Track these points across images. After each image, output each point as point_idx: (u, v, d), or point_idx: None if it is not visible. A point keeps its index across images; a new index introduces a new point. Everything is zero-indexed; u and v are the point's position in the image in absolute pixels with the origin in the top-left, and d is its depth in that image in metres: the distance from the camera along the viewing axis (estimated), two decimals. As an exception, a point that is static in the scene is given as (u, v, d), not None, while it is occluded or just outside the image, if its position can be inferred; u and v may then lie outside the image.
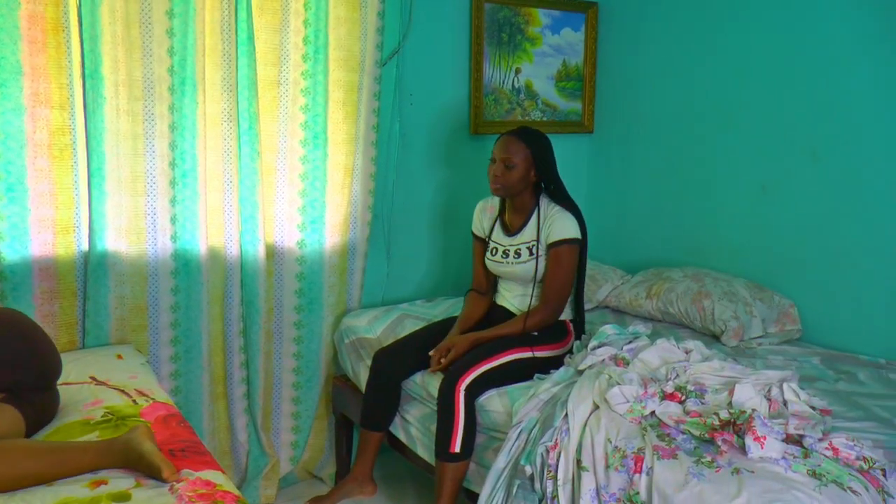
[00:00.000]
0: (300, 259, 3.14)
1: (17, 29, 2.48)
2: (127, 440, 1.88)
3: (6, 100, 2.50)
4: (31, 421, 2.04)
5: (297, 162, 3.06)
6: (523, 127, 2.82)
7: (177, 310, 2.90)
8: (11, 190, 2.56)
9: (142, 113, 2.71)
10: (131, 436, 1.89)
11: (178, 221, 2.84)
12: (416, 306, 3.31)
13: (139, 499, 1.74)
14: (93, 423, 2.15)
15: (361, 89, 3.11)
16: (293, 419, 3.28)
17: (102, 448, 1.88)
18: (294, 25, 2.95)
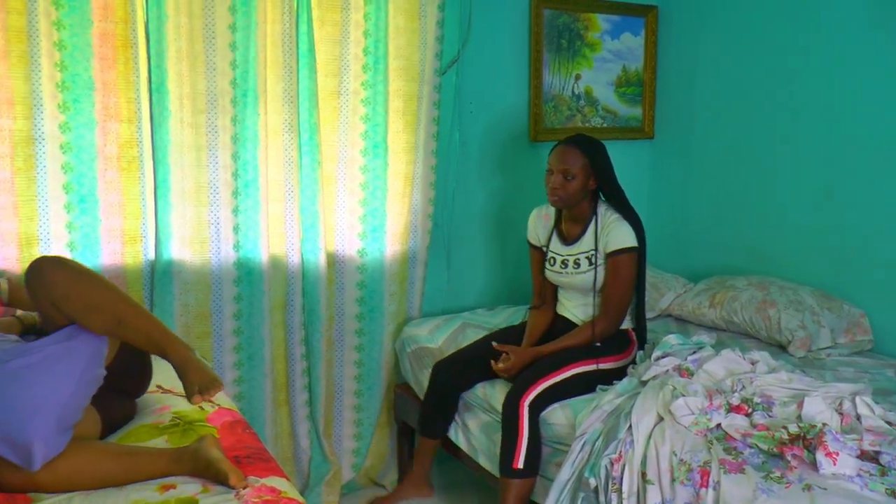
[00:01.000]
0: (361, 267, 3.17)
1: (90, 46, 2.57)
2: (196, 448, 1.91)
3: (79, 114, 2.59)
4: (107, 424, 2.10)
5: (357, 171, 3.09)
6: (578, 134, 2.79)
7: (239, 317, 2.95)
8: (83, 201, 2.65)
9: (205, 125, 2.77)
10: (200, 444, 1.92)
11: (240, 231, 2.89)
12: (477, 315, 3.31)
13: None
14: (161, 428, 2.19)
15: (421, 98, 3.13)
16: (355, 426, 3.30)
17: (173, 455, 1.91)
18: (354, 36, 2.98)
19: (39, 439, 1.80)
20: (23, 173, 2.56)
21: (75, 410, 1.93)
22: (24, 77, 2.50)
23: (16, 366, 1.86)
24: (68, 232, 2.64)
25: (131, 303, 1.94)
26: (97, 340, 1.93)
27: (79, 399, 1.94)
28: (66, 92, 2.57)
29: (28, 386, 1.86)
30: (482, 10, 3.29)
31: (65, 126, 2.58)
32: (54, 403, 1.86)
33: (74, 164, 2.62)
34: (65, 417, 1.88)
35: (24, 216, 2.58)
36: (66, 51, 2.54)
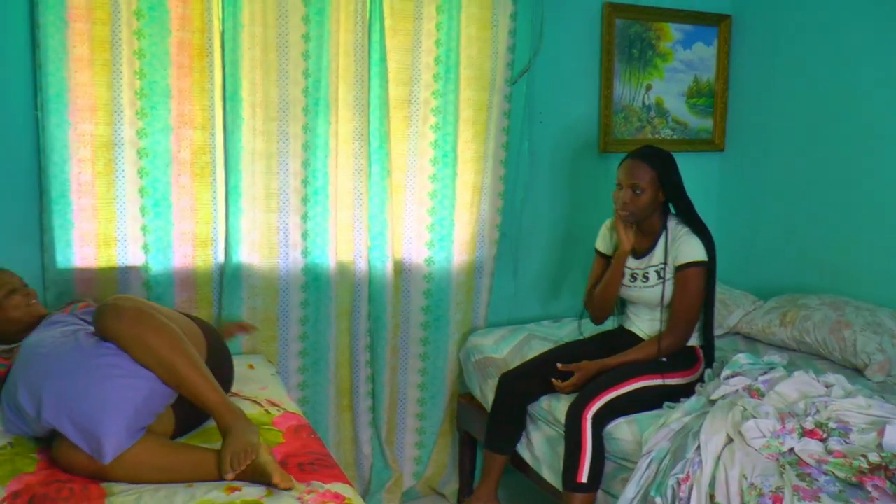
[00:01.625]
0: (427, 276, 3.17)
1: (168, 55, 2.64)
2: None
3: (156, 121, 2.66)
4: (181, 424, 2.16)
5: (426, 180, 3.10)
6: (647, 147, 2.74)
7: (306, 322, 2.98)
8: (157, 205, 2.71)
9: (276, 132, 2.81)
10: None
11: (308, 237, 2.92)
12: (543, 327, 3.28)
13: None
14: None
15: (491, 108, 3.12)
16: (417, 434, 3.30)
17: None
18: (426, 46, 2.99)
19: (111, 435, 1.88)
20: (103, 177, 2.64)
21: (148, 414, 1.99)
22: (106, 85, 2.58)
23: (104, 362, 1.95)
24: (143, 234, 2.71)
25: (189, 365, 2.01)
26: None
27: (153, 405, 2.00)
28: (144, 99, 2.64)
29: (109, 382, 1.93)
30: (554, 19, 3.27)
31: (142, 132, 2.65)
32: (129, 404, 1.93)
33: (150, 169, 2.69)
34: (137, 419, 1.94)
35: (103, 218, 2.67)
36: (146, 59, 2.61)
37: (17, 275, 2.49)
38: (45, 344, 2.06)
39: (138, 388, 1.96)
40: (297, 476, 2.00)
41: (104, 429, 1.88)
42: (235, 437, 1.93)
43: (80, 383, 1.93)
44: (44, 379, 1.96)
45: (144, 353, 1.98)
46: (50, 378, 1.96)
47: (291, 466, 2.05)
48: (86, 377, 1.94)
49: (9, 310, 2.40)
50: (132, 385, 1.95)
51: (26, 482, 1.89)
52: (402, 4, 2.94)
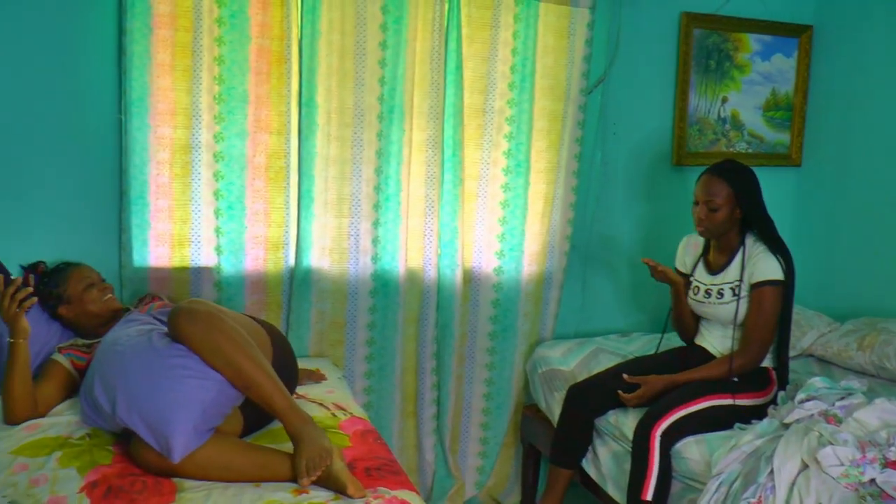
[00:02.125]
0: (496, 286, 3.16)
1: (247, 61, 2.68)
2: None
3: (233, 125, 2.71)
4: (248, 425, 2.20)
5: (498, 189, 3.09)
6: (726, 161, 2.69)
7: (373, 328, 3.00)
8: (231, 208, 2.76)
9: (351, 139, 2.84)
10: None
11: (379, 243, 2.93)
12: (611, 341, 3.24)
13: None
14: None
15: (566, 118, 3.10)
16: (481, 444, 3.29)
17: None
18: (502, 54, 2.99)
19: (180, 434, 1.91)
20: (179, 179, 2.70)
21: (217, 415, 2.02)
22: (186, 90, 2.64)
23: (174, 363, 1.99)
24: (216, 236, 2.76)
25: (258, 369, 2.02)
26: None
27: (221, 406, 2.03)
28: (222, 104, 2.69)
29: (179, 383, 1.97)
30: (631, 28, 3.23)
31: (219, 136, 2.70)
32: (197, 405, 1.96)
33: (225, 173, 2.73)
34: (205, 420, 1.97)
35: (178, 219, 2.73)
36: (225, 65, 2.66)
37: (96, 270, 2.56)
38: (121, 342, 2.11)
39: (207, 390, 1.99)
40: (364, 481, 2.01)
41: (173, 428, 1.92)
42: (309, 443, 1.94)
43: (152, 383, 1.97)
44: (118, 377, 2.01)
45: (215, 356, 2.00)
46: (123, 376, 2.01)
47: (358, 470, 2.06)
48: (157, 377, 1.98)
49: (86, 304, 2.48)
50: (201, 386, 1.98)
51: (103, 473, 1.95)
52: (480, 13, 2.94)
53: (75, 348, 2.43)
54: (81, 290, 2.48)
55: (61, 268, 2.56)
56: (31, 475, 1.93)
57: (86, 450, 2.06)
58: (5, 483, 1.89)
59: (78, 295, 2.48)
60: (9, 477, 1.92)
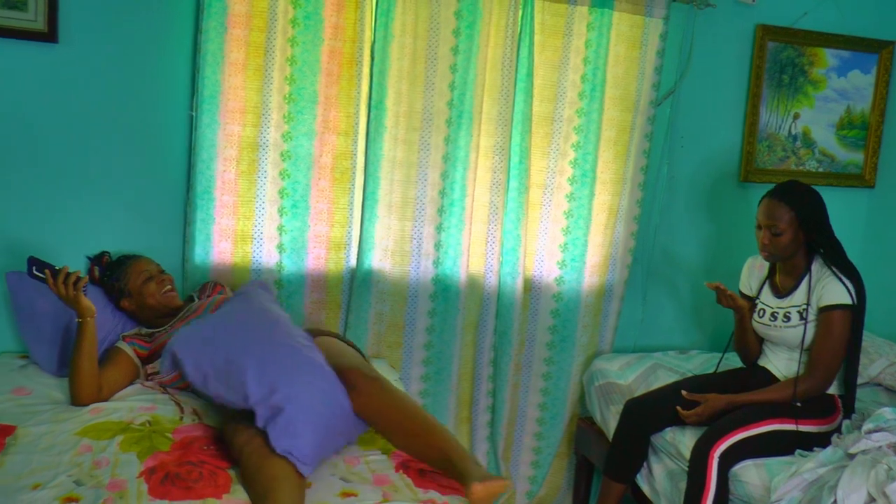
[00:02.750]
0: (557, 296, 3.13)
1: (318, 63, 2.70)
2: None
3: (301, 125, 2.73)
4: None
5: (562, 199, 3.07)
6: (788, 183, 2.62)
7: (431, 332, 2.99)
8: (296, 207, 2.78)
9: (418, 143, 2.84)
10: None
11: (441, 248, 2.93)
12: (670, 357, 3.19)
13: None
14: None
15: (634, 129, 3.07)
16: (534, 454, 3.26)
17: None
18: (573, 63, 2.96)
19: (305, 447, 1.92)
20: (245, 176, 2.73)
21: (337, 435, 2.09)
22: (256, 89, 2.67)
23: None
24: (279, 234, 2.79)
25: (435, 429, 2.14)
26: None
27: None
28: (291, 104, 2.71)
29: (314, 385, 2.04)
30: (703, 40, 3.18)
31: (287, 135, 2.72)
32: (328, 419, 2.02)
33: (291, 172, 2.75)
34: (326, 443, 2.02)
35: (242, 215, 2.76)
36: (297, 66, 2.69)
37: (155, 262, 2.62)
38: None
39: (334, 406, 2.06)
40: (416, 481, 2.03)
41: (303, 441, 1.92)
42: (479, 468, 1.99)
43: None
44: (282, 374, 2.03)
45: (396, 424, 2.14)
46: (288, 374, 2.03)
47: (412, 471, 2.07)
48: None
49: (145, 297, 2.53)
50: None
51: (161, 460, 1.98)
52: (554, 20, 2.92)
53: (139, 338, 2.49)
54: (140, 283, 2.53)
55: (122, 261, 2.62)
56: (95, 457, 1.98)
57: (146, 436, 2.10)
58: (71, 463, 1.94)
59: (137, 288, 2.54)
60: (74, 457, 1.97)
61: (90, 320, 2.29)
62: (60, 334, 2.49)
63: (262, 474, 1.87)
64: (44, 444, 2.03)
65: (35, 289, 2.48)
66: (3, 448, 1.99)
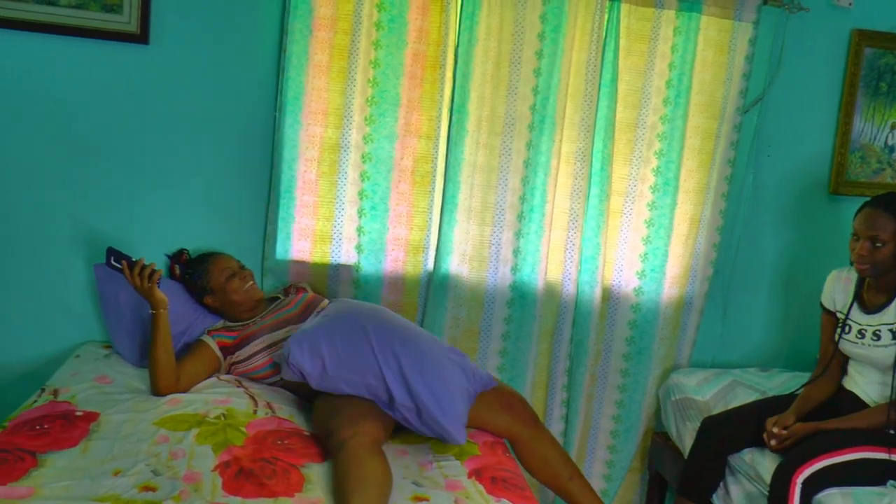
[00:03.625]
0: (635, 307, 3.07)
1: (402, 66, 2.71)
2: None
3: (382, 128, 2.74)
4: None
5: (644, 207, 3.00)
6: (891, 194, 2.50)
7: (507, 338, 2.97)
8: (375, 209, 2.79)
9: (499, 147, 2.82)
10: None
11: (519, 254, 2.90)
12: (750, 374, 3.08)
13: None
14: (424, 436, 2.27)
15: (719, 137, 2.98)
16: (606, 467, 3.20)
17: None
18: (659, 68, 2.90)
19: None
20: (326, 177, 2.76)
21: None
22: (340, 91, 2.69)
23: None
24: (357, 235, 2.80)
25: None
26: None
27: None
28: (373, 106, 2.72)
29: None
30: (795, 45, 3.07)
31: (368, 137, 2.74)
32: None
33: (372, 174, 2.77)
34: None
35: (322, 216, 2.78)
36: (380, 69, 2.70)
37: (234, 257, 2.67)
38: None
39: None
40: (489, 489, 2.01)
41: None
42: None
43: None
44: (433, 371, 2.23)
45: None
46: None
47: (484, 478, 2.07)
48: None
49: (229, 293, 2.58)
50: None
51: (235, 454, 2.02)
52: (640, 24, 2.86)
53: (225, 328, 2.56)
54: (223, 280, 2.58)
55: (202, 258, 2.67)
56: (172, 448, 2.02)
57: (220, 429, 2.14)
58: (149, 452, 1.99)
59: (221, 286, 2.59)
60: (152, 447, 2.02)
61: (163, 312, 2.37)
62: (141, 326, 2.56)
63: (356, 472, 1.89)
64: (124, 431, 2.09)
65: (119, 281, 2.55)
66: (88, 434, 2.06)
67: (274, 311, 2.58)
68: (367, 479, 1.88)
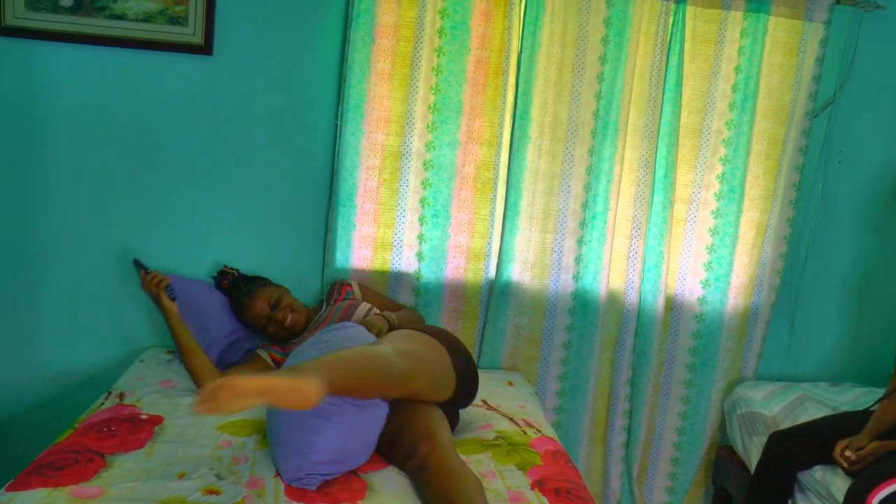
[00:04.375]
0: (699, 316, 3.01)
1: (464, 72, 2.71)
2: None
3: (444, 135, 2.74)
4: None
5: (708, 215, 2.94)
6: None
7: (569, 347, 2.94)
8: (436, 216, 2.79)
9: (562, 154, 2.80)
10: None
11: (581, 262, 2.87)
12: (819, 388, 2.98)
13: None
14: (485, 444, 2.25)
15: (786, 142, 2.90)
16: (669, 480, 3.14)
17: None
18: (724, 72, 2.84)
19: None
20: (387, 184, 2.76)
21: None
22: (402, 98, 2.70)
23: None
24: (419, 242, 2.80)
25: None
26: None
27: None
28: (436, 113, 2.72)
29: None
30: (869, 46, 2.97)
31: (430, 145, 2.74)
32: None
33: (433, 181, 2.77)
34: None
35: (383, 223, 2.79)
36: (442, 76, 2.70)
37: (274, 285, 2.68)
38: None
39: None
40: (552, 500, 1.97)
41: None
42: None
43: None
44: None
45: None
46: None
47: (547, 490, 2.02)
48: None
49: (267, 334, 2.62)
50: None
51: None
52: (706, 27, 2.81)
53: (276, 344, 2.58)
54: (258, 327, 2.61)
55: (239, 293, 2.64)
56: (234, 453, 2.03)
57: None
58: (212, 456, 2.00)
59: (256, 329, 2.63)
60: (215, 451, 2.03)
61: (172, 319, 2.47)
62: (203, 334, 2.59)
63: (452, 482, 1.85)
64: (188, 435, 2.11)
65: (183, 289, 2.60)
66: (153, 437, 2.08)
67: (314, 329, 2.55)
68: (468, 480, 1.85)
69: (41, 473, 1.83)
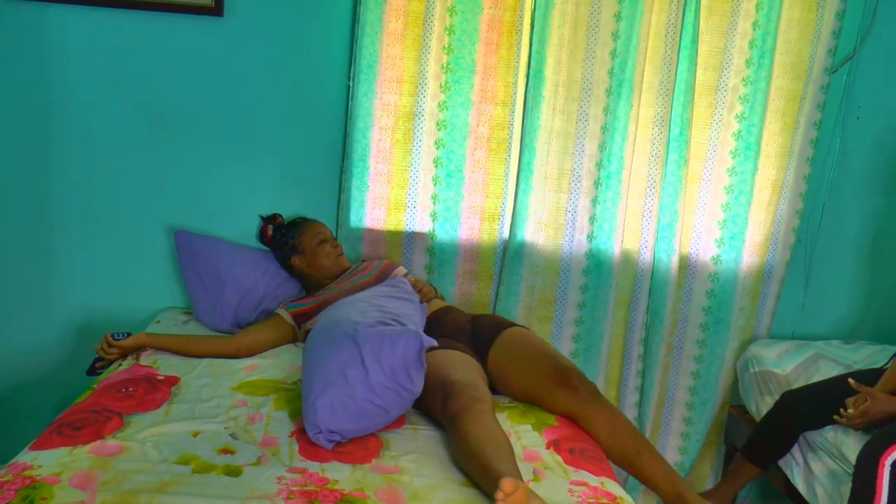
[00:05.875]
0: (713, 275, 2.99)
1: (477, 32, 2.67)
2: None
3: (458, 95, 2.72)
4: None
5: (723, 173, 2.91)
6: None
7: (583, 307, 2.93)
8: (450, 177, 2.78)
9: (576, 113, 2.77)
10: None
11: (596, 221, 2.86)
12: (833, 347, 2.97)
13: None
14: (500, 406, 2.26)
15: (804, 99, 2.86)
16: (681, 439, 3.15)
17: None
18: (742, 28, 2.79)
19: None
20: (401, 145, 2.75)
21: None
22: (414, 58, 2.67)
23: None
24: (432, 203, 2.80)
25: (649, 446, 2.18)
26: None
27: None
28: (449, 73, 2.70)
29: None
30: (890, 1, 2.91)
31: (443, 105, 2.72)
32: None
33: (447, 141, 2.75)
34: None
35: (396, 184, 2.78)
36: (455, 35, 2.67)
37: (328, 227, 2.72)
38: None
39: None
40: (567, 459, 1.99)
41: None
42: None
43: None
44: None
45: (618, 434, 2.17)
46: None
47: (563, 449, 2.04)
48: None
49: (319, 257, 2.63)
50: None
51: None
52: (723, -19, 2.76)
53: (299, 298, 2.60)
54: (315, 244, 2.64)
55: (298, 222, 2.73)
56: (250, 412, 2.06)
57: (297, 396, 2.16)
58: (228, 416, 2.03)
59: (312, 248, 2.65)
60: (230, 411, 2.06)
61: (152, 342, 2.40)
62: (219, 292, 2.61)
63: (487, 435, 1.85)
64: (204, 395, 2.14)
65: (199, 248, 2.62)
66: (170, 397, 2.11)
67: (350, 276, 2.62)
68: (501, 440, 1.85)
69: (62, 433, 1.87)
